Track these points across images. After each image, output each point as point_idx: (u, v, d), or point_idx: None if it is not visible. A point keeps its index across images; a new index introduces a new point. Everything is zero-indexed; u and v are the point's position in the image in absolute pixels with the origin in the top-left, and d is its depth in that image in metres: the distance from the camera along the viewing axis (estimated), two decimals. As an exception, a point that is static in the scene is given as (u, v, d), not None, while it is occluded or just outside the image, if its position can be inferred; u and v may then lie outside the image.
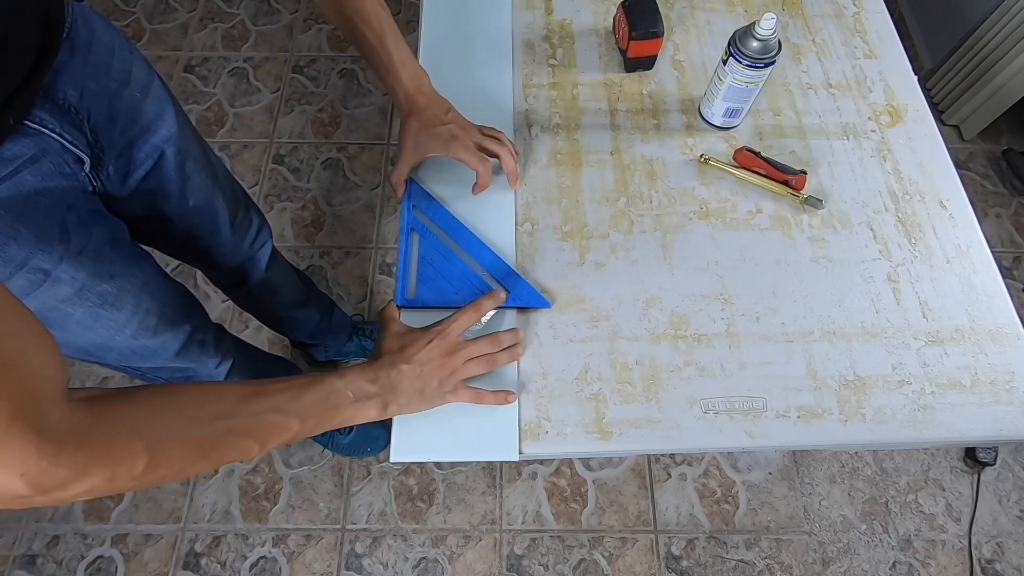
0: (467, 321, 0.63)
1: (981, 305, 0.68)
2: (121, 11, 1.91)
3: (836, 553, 1.25)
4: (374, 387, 0.55)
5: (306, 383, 0.52)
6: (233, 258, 0.93)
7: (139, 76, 0.66)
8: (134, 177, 0.68)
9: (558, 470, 1.32)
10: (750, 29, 0.67)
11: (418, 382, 0.58)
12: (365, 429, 1.29)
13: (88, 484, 0.37)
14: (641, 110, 0.81)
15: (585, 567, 1.23)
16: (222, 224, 0.85)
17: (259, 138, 1.70)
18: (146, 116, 0.67)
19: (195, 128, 0.79)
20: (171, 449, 0.42)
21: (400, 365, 0.57)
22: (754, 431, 0.61)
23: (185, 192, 0.76)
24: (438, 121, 0.69)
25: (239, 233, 0.90)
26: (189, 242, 0.84)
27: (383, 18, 0.68)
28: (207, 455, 0.45)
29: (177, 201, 0.76)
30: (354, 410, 0.54)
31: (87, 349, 0.69)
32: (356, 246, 1.57)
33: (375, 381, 0.56)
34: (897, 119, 0.81)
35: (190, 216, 0.79)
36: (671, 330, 0.67)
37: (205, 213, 0.81)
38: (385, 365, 0.57)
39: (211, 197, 0.81)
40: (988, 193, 1.65)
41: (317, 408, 0.52)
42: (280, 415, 0.49)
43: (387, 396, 0.56)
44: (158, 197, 0.73)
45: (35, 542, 1.24)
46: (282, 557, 1.23)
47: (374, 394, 0.55)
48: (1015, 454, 1.34)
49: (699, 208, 0.74)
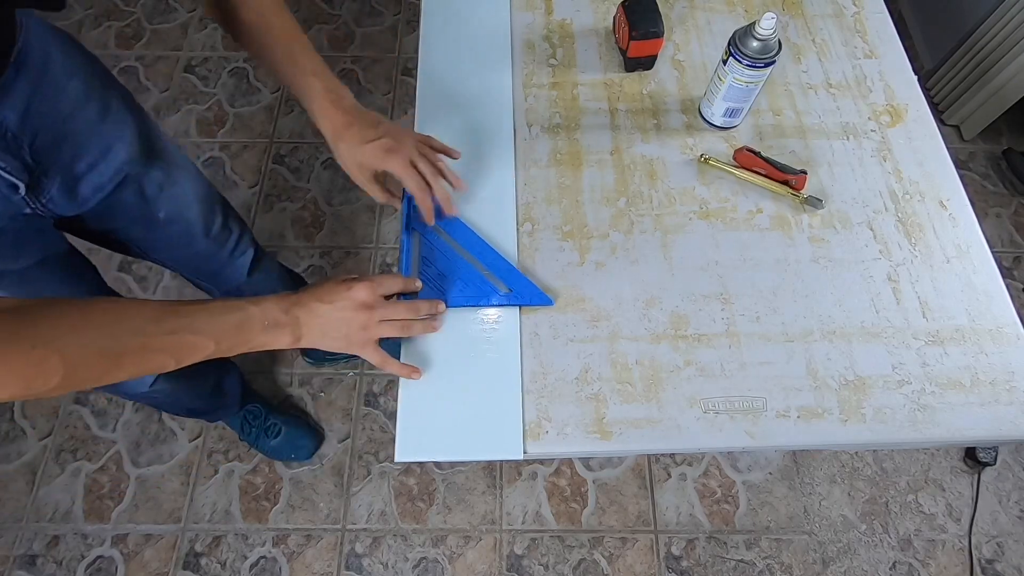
0: (392, 285, 0.63)
1: (981, 305, 0.68)
2: (121, 11, 1.91)
3: (836, 553, 1.25)
4: (286, 317, 0.56)
5: (222, 306, 0.53)
6: (209, 265, 0.92)
7: (98, 98, 0.64)
8: (93, 199, 0.67)
9: (558, 470, 1.32)
10: (750, 29, 0.67)
11: (327, 324, 0.58)
12: (293, 436, 1.29)
13: (5, 393, 0.40)
14: (641, 110, 0.81)
15: (585, 567, 1.23)
16: (196, 234, 0.84)
17: (259, 138, 1.70)
18: (104, 139, 0.65)
19: (166, 140, 0.77)
20: (86, 361, 0.44)
21: (314, 304, 0.58)
22: (754, 431, 0.61)
23: (153, 206, 0.74)
24: (369, 138, 0.63)
25: (217, 241, 0.89)
26: (162, 250, 0.83)
27: (289, 28, 0.63)
28: (122, 366, 0.47)
29: (144, 215, 0.74)
30: (267, 336, 0.56)
31: None
32: (356, 246, 1.57)
33: (288, 311, 0.57)
34: (897, 119, 0.81)
35: (160, 228, 0.78)
36: (671, 330, 0.67)
37: (176, 224, 0.80)
38: (302, 300, 0.58)
39: (184, 208, 0.80)
40: (988, 193, 1.65)
41: (231, 331, 0.53)
42: (195, 335, 0.51)
43: (297, 330, 0.57)
44: (122, 213, 0.72)
45: (35, 542, 1.24)
46: (282, 557, 1.23)
47: (285, 323, 0.56)
48: (1015, 454, 1.34)
49: (699, 208, 0.74)
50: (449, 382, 0.64)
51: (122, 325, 0.47)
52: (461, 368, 0.65)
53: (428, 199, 0.66)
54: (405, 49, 1.86)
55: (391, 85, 1.80)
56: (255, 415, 1.27)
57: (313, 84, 0.62)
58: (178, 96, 1.77)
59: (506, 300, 0.67)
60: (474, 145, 0.77)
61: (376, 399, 1.39)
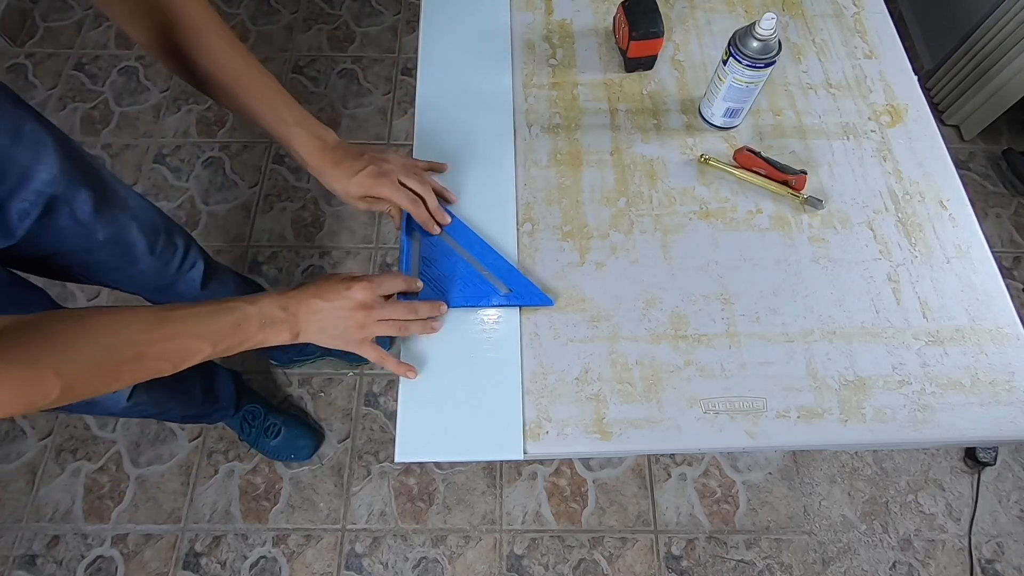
0: (394, 286, 0.63)
1: (981, 305, 0.68)
2: (121, 11, 1.91)
3: (836, 553, 1.25)
4: (284, 314, 0.56)
5: (216, 308, 0.53)
6: (158, 282, 0.91)
7: (8, 125, 0.63)
8: (22, 227, 0.65)
9: (558, 470, 1.32)
10: (750, 29, 0.67)
11: (324, 322, 0.58)
12: (292, 436, 1.29)
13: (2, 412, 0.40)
14: (641, 110, 0.81)
15: (585, 567, 1.23)
16: (139, 253, 0.83)
17: (259, 138, 1.70)
18: (21, 164, 0.64)
19: (91, 161, 0.75)
20: (83, 375, 0.44)
21: (312, 300, 0.58)
22: (754, 431, 0.61)
23: (89, 228, 0.73)
24: (356, 169, 0.65)
25: (162, 259, 0.88)
26: (106, 273, 0.82)
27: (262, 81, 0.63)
28: (121, 377, 0.47)
29: (81, 237, 0.73)
30: (264, 334, 0.55)
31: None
32: (356, 246, 1.57)
33: (285, 308, 0.57)
34: (897, 119, 0.81)
35: (101, 249, 0.77)
36: (671, 330, 0.67)
37: (117, 244, 0.79)
38: (299, 295, 0.58)
39: (122, 228, 0.79)
40: (988, 193, 1.65)
41: (227, 331, 0.53)
42: (192, 339, 0.51)
43: (295, 326, 0.57)
44: (57, 238, 0.71)
45: (35, 542, 1.24)
46: (282, 557, 1.23)
47: (282, 320, 0.56)
48: (1015, 454, 1.34)
49: (699, 208, 0.74)
50: (449, 382, 0.64)
51: (117, 336, 0.47)
52: (461, 368, 0.64)
53: (423, 211, 0.68)
54: (405, 49, 1.86)
55: (391, 85, 1.80)
56: (254, 415, 1.27)
57: (296, 133, 0.64)
58: (178, 96, 1.77)
59: (506, 300, 0.67)
60: (474, 145, 0.77)
61: (376, 399, 1.39)
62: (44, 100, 1.74)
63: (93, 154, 1.67)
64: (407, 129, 1.72)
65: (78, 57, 1.82)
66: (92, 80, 1.78)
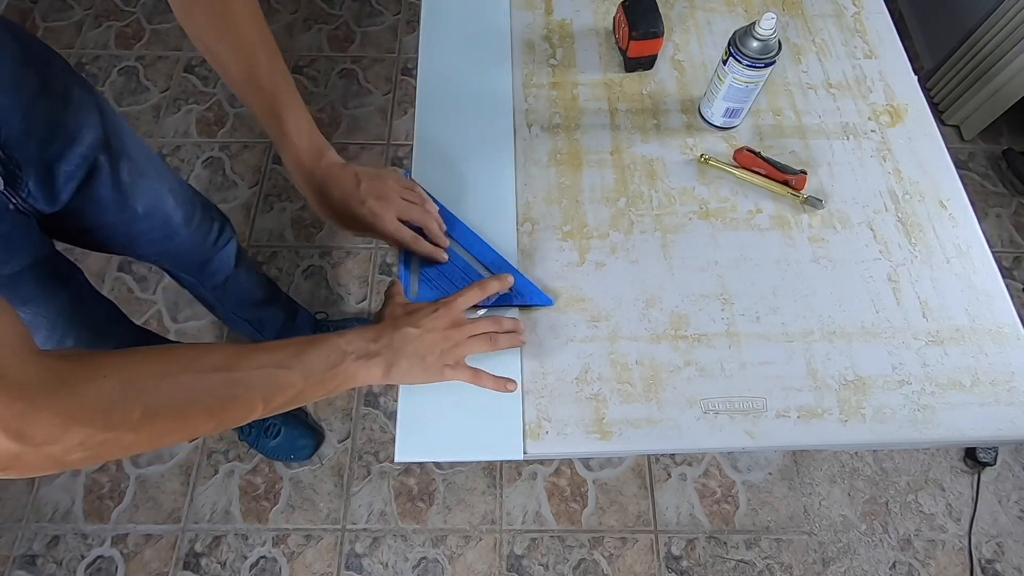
0: (473, 297, 0.62)
1: (981, 305, 0.68)
2: (121, 11, 1.91)
3: (836, 553, 1.25)
4: (376, 346, 0.54)
5: (307, 342, 0.50)
6: (195, 256, 0.91)
7: (59, 87, 0.63)
8: (66, 191, 0.65)
9: (558, 470, 1.32)
10: (750, 29, 0.67)
11: (421, 348, 0.56)
12: (292, 436, 1.29)
13: (79, 435, 0.35)
14: (641, 110, 0.81)
15: (585, 567, 1.23)
16: (176, 225, 0.83)
17: (259, 138, 1.70)
18: (69, 127, 0.64)
19: (133, 133, 0.76)
20: (166, 397, 0.40)
21: (404, 327, 0.56)
22: (754, 431, 0.61)
23: (129, 198, 0.73)
24: (353, 201, 0.64)
25: (199, 232, 0.89)
26: (144, 245, 0.82)
27: (277, 77, 0.61)
28: (210, 410, 0.43)
29: (121, 207, 0.73)
30: (356, 368, 0.52)
31: None
32: (356, 246, 1.57)
33: (377, 340, 0.54)
34: (897, 119, 0.81)
35: (140, 221, 0.77)
36: (671, 330, 0.67)
37: (155, 216, 0.79)
38: (388, 327, 0.56)
39: (159, 199, 0.79)
40: (988, 193, 1.65)
41: (320, 365, 0.50)
42: (282, 370, 0.47)
43: (390, 357, 0.54)
44: (99, 207, 0.71)
45: (35, 542, 1.24)
46: (282, 557, 1.23)
47: (376, 353, 0.54)
48: (1015, 454, 1.34)
49: (699, 208, 0.74)
50: (449, 382, 0.64)
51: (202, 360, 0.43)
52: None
53: (425, 245, 0.67)
54: (405, 49, 1.86)
55: (391, 85, 1.80)
56: None
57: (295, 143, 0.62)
58: (178, 96, 1.77)
59: (506, 300, 0.67)
60: (474, 145, 0.77)
61: (376, 399, 1.39)
62: (44, 100, 1.74)
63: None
64: (407, 129, 1.72)
65: (78, 57, 1.82)
66: (92, 80, 1.77)
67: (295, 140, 0.62)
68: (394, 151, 1.70)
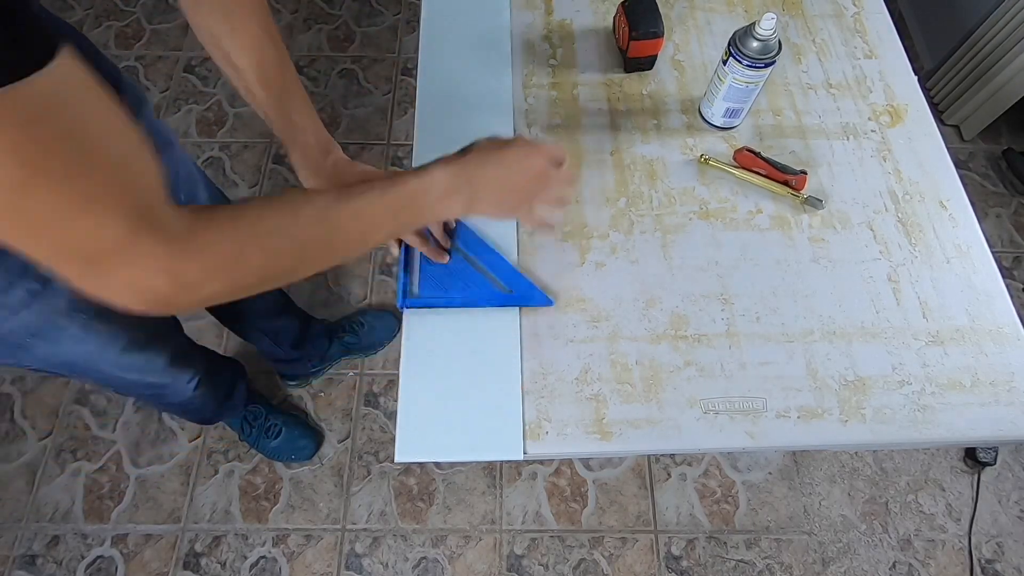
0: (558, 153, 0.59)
1: (981, 305, 0.68)
2: (121, 11, 1.91)
3: (836, 553, 1.25)
4: (458, 181, 0.52)
5: (389, 182, 0.49)
6: None
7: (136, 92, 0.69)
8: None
9: (558, 470, 1.32)
10: (750, 29, 0.67)
11: (502, 188, 0.55)
12: (292, 437, 1.29)
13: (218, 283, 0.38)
14: (641, 110, 0.81)
15: (585, 567, 1.23)
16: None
17: (259, 138, 1.70)
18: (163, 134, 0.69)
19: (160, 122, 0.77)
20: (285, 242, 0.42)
21: (490, 167, 0.54)
22: (754, 431, 0.61)
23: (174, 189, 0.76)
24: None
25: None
26: None
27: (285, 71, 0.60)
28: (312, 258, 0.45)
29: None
30: (441, 205, 0.52)
31: (75, 363, 0.68)
32: (356, 246, 1.56)
33: (459, 175, 0.52)
34: (897, 119, 0.81)
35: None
36: (671, 330, 0.66)
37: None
38: (473, 160, 0.54)
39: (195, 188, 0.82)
40: (988, 193, 1.65)
41: (407, 201, 0.50)
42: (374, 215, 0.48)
43: (471, 193, 0.53)
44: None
45: (35, 542, 1.24)
46: (282, 557, 1.23)
47: (456, 189, 0.52)
48: (1015, 454, 1.34)
49: (699, 208, 0.74)
50: (449, 382, 0.64)
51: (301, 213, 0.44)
52: (461, 368, 0.64)
53: (428, 245, 0.68)
54: (405, 49, 1.86)
55: (391, 85, 1.80)
56: (255, 415, 1.27)
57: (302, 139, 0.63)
58: (178, 96, 1.77)
59: (506, 300, 0.67)
60: (474, 145, 0.77)
61: (376, 399, 1.39)
62: (44, 100, 1.74)
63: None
64: (407, 129, 1.72)
65: (78, 57, 1.82)
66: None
67: (303, 135, 0.63)
68: (394, 151, 1.70)
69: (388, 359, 1.43)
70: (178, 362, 0.83)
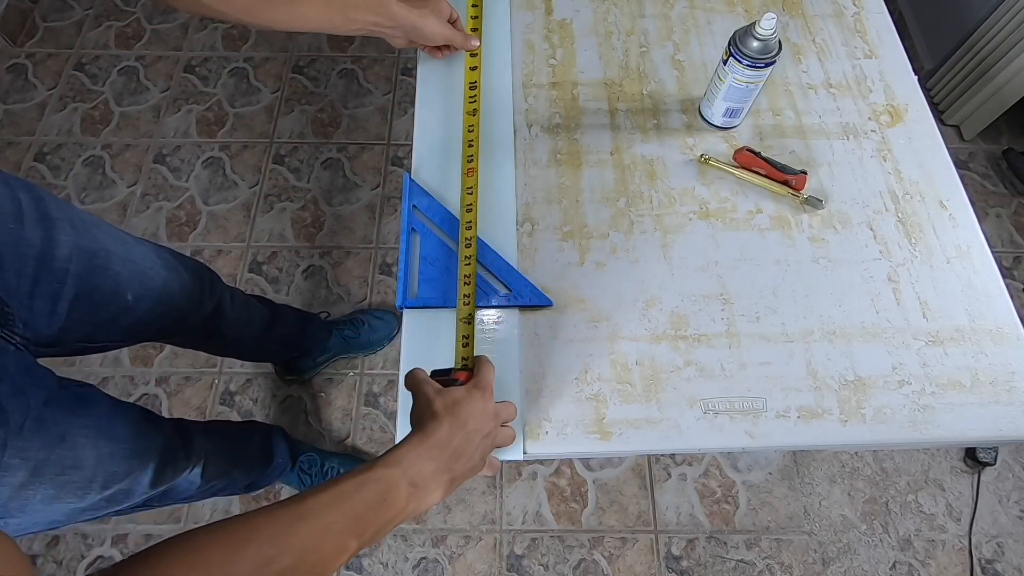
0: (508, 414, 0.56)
1: (981, 305, 0.68)
2: (121, 11, 1.91)
3: (836, 553, 1.25)
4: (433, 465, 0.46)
5: (354, 486, 0.43)
6: (196, 319, 0.88)
7: (5, 207, 0.58)
8: (60, 308, 0.63)
9: (558, 470, 1.32)
10: (750, 29, 0.67)
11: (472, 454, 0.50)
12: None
13: None
14: (641, 110, 0.81)
15: (585, 567, 1.23)
16: (175, 300, 0.80)
17: (259, 138, 1.70)
18: (33, 244, 0.60)
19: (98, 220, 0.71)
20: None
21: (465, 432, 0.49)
22: (754, 431, 0.61)
23: (118, 290, 0.70)
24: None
25: (194, 299, 0.85)
26: (147, 326, 0.78)
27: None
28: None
29: (115, 302, 0.70)
30: (417, 501, 0.45)
31: (57, 520, 0.62)
32: (356, 246, 1.57)
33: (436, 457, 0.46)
34: (897, 119, 0.81)
35: (135, 309, 0.73)
36: (671, 330, 0.67)
37: (148, 299, 0.76)
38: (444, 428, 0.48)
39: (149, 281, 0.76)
40: (988, 193, 1.65)
41: (373, 514, 0.43)
42: (333, 536, 0.41)
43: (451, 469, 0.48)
44: (95, 310, 0.68)
45: (35, 542, 1.24)
46: (282, 557, 1.23)
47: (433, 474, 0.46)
48: (1015, 454, 1.34)
49: (699, 208, 0.74)
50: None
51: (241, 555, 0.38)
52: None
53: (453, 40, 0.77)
54: (405, 49, 1.86)
55: (391, 85, 1.80)
56: (310, 463, 1.22)
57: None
58: (178, 96, 1.77)
59: (506, 300, 0.67)
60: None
61: (376, 399, 1.39)
62: (44, 100, 1.74)
63: (93, 154, 1.67)
64: (407, 129, 1.72)
65: (78, 57, 1.82)
66: (92, 80, 1.78)
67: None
68: (394, 151, 1.70)
69: (388, 359, 1.43)
70: (169, 468, 0.75)
